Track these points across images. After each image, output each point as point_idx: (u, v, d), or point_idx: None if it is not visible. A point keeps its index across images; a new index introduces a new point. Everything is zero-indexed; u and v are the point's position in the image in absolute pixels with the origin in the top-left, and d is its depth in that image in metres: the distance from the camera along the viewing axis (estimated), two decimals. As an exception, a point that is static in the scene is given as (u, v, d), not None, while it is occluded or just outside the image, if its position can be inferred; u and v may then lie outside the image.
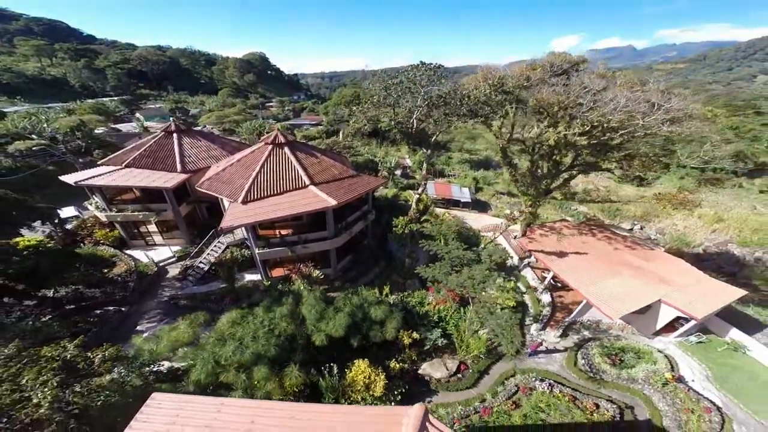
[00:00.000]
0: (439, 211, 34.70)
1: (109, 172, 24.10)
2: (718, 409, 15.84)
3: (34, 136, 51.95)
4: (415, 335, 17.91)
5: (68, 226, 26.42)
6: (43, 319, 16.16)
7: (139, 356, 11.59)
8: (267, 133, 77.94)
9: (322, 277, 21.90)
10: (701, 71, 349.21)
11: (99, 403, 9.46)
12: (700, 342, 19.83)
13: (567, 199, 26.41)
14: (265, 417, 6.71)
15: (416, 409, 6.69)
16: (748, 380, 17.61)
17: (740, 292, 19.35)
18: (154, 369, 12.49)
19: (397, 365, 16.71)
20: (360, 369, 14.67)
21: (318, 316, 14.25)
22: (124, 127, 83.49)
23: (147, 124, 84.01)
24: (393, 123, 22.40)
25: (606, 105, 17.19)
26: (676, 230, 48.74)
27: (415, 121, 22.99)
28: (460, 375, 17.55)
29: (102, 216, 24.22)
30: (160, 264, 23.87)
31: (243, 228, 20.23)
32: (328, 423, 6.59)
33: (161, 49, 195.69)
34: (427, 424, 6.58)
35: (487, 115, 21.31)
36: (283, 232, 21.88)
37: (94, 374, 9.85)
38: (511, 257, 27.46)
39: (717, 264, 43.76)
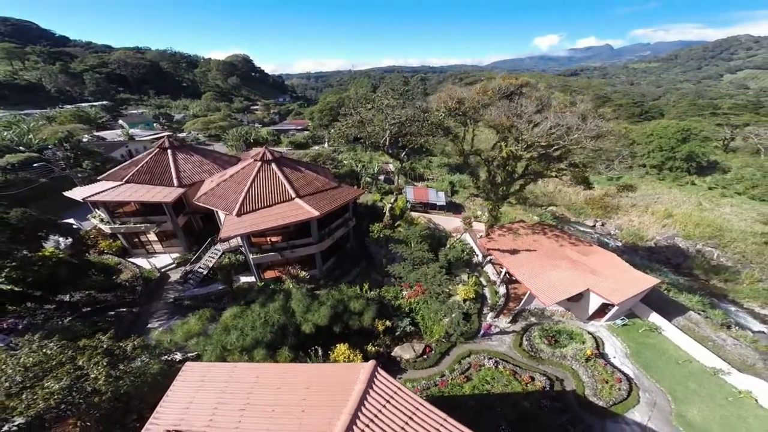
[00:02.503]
0: (415, 214, 38.18)
1: (111, 187, 26.42)
2: (629, 379, 19.22)
3: (21, 147, 52.71)
4: (388, 323, 21.33)
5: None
6: (66, 320, 18.73)
7: (159, 345, 14.51)
8: (253, 139, 79.67)
9: (309, 277, 25.07)
10: (673, 70, 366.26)
11: (125, 388, 12.31)
12: (625, 324, 23.69)
13: (519, 203, 30.16)
14: (266, 373, 9.93)
15: (369, 364, 10.00)
16: (657, 355, 21.44)
17: (653, 281, 23.45)
18: (169, 358, 15.40)
19: (373, 348, 20.09)
20: (341, 351, 17.95)
21: (305, 309, 17.48)
22: (109, 134, 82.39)
23: (131, 131, 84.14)
24: (367, 143, 25.59)
25: (537, 126, 20.92)
26: (632, 226, 53.97)
27: (387, 138, 26.28)
28: (425, 356, 20.91)
29: (106, 228, 26.60)
30: (162, 270, 26.54)
31: (238, 236, 23.13)
32: (309, 375, 9.86)
33: (140, 52, 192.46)
34: (375, 373, 9.91)
35: (441, 136, 24.82)
36: (274, 239, 24.87)
37: (130, 358, 12.77)
38: (477, 255, 31.22)
39: (665, 256, 48.99)
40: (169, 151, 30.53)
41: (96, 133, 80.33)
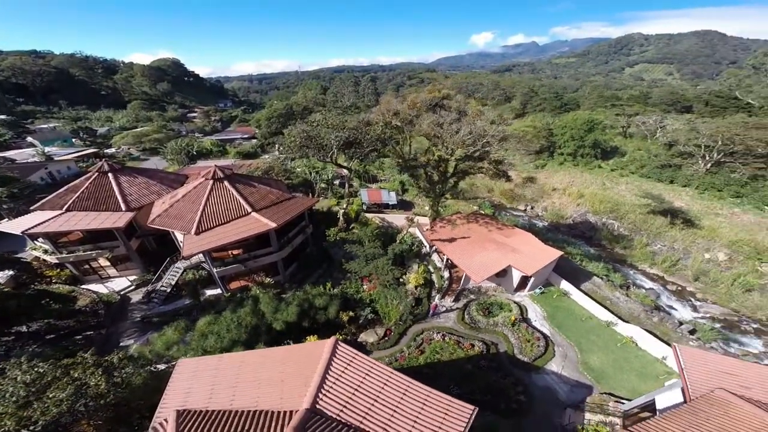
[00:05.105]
0: (370, 215, 41.49)
1: (52, 217, 25.56)
2: (545, 337, 23.24)
3: None
4: (352, 314, 24.25)
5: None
6: (32, 348, 18.76)
7: (142, 356, 15.88)
8: (196, 151, 76.35)
9: (274, 282, 26.99)
10: (587, 64, 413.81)
11: (121, 393, 13.67)
12: (543, 292, 28.78)
13: (454, 197, 34.90)
14: (249, 358, 12.41)
15: (331, 339, 12.95)
16: (567, 315, 25.86)
17: (558, 253, 28.91)
18: (154, 368, 16.70)
19: (341, 337, 22.90)
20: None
21: (274, 310, 19.79)
22: (17, 155, 71.99)
23: (47, 150, 74.83)
24: (317, 157, 28.10)
25: (454, 135, 25.34)
26: (555, 207, 63.10)
27: (336, 150, 29.01)
28: (386, 338, 24.11)
29: (52, 259, 25.72)
30: (122, 292, 26.51)
31: (200, 253, 24.30)
32: (283, 354, 12.58)
33: (40, 56, 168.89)
34: (337, 345, 12.90)
35: (381, 149, 28.37)
36: (235, 252, 26.33)
37: (120, 368, 14.18)
38: (425, 246, 35.43)
39: (581, 230, 58.26)
40: (110, 174, 29.92)
41: (1, 155, 70.07)
